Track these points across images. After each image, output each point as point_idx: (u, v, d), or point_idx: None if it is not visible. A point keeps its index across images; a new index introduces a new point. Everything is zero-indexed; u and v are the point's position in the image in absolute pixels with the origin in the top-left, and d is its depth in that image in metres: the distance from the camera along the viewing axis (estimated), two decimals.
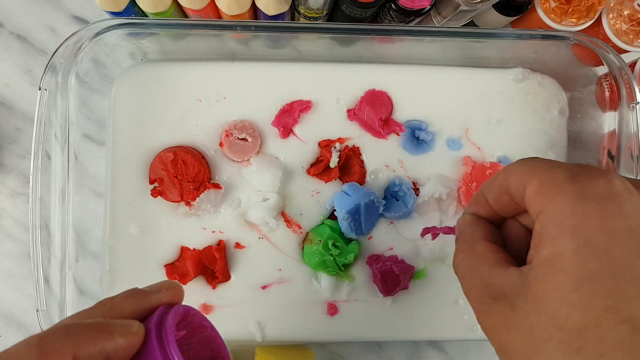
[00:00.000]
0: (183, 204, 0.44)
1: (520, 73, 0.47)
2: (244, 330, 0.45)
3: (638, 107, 0.40)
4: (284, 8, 0.40)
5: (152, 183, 0.44)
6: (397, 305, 0.46)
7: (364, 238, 0.46)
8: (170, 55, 0.46)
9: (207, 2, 0.39)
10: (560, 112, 0.47)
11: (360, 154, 0.46)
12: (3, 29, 0.48)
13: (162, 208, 0.45)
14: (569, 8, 0.44)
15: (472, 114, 0.47)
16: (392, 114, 0.46)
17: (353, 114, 0.46)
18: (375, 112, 0.45)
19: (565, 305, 0.20)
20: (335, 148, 0.45)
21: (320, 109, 0.46)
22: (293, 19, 0.45)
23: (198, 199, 0.44)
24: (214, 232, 0.45)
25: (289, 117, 0.45)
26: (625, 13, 0.44)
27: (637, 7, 0.44)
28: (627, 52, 0.45)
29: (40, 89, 0.38)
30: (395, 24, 0.43)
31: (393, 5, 0.41)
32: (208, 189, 0.44)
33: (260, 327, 0.45)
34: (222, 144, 0.45)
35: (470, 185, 0.45)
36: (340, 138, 0.46)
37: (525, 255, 0.23)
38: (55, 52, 0.39)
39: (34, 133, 0.38)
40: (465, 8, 0.40)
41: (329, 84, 0.46)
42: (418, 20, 0.44)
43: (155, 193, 0.44)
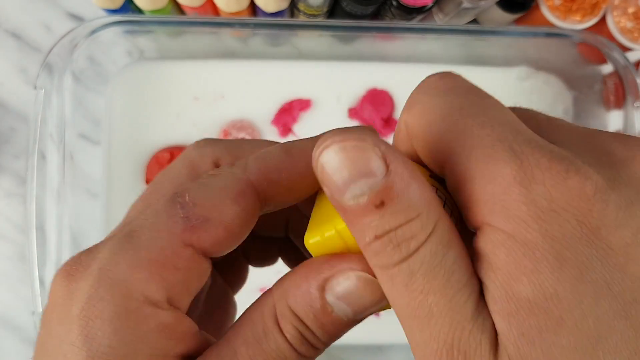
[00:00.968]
0: None
1: (524, 71, 0.46)
2: None
3: None
4: (284, 5, 0.40)
5: (148, 183, 0.44)
6: None
7: None
8: (168, 53, 0.45)
9: None
10: (565, 110, 0.47)
11: None
12: None
13: None
14: (573, 5, 0.44)
15: None
16: (393, 113, 0.46)
17: (354, 113, 0.45)
18: (377, 111, 0.45)
19: None
20: None
21: (320, 108, 0.45)
22: (292, 17, 0.44)
23: None
24: None
25: (289, 115, 0.45)
26: (630, 11, 0.44)
27: None
28: (632, 50, 0.44)
29: (36, 88, 0.38)
30: (397, 22, 0.43)
31: (394, 3, 0.40)
32: None
33: None
34: None
35: None
36: None
37: None
38: (51, 50, 0.38)
39: (29, 132, 0.38)
40: (468, 5, 0.39)
41: (329, 83, 0.45)
42: (420, 18, 0.43)
43: None
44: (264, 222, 0.18)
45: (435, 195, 0.13)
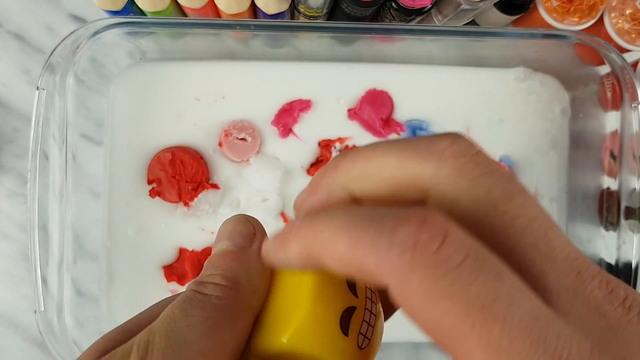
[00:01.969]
0: (181, 205, 0.44)
1: (522, 72, 0.46)
2: None
3: None
4: (284, 7, 0.40)
5: (150, 183, 0.44)
6: None
7: None
8: (169, 55, 0.45)
9: (206, 0, 0.39)
10: (562, 111, 0.47)
11: None
12: (0, 28, 0.47)
13: (160, 209, 0.44)
14: (571, 7, 0.44)
15: (473, 114, 0.46)
16: (392, 114, 0.46)
17: (353, 114, 0.46)
18: (376, 111, 0.45)
19: None
20: (336, 148, 0.45)
21: (320, 109, 0.46)
22: (293, 18, 0.45)
23: (196, 200, 0.43)
24: (213, 233, 0.45)
25: (289, 116, 0.45)
26: (628, 12, 0.44)
27: (639, 6, 0.44)
28: (629, 51, 0.45)
29: (38, 89, 0.38)
30: (396, 23, 0.43)
31: (394, 4, 0.40)
32: (206, 190, 0.43)
33: None
34: (221, 144, 0.45)
35: None
36: (341, 138, 0.46)
37: None
38: (53, 51, 0.38)
39: (32, 133, 0.38)
40: (467, 7, 0.40)
41: (329, 84, 0.46)
42: (419, 19, 0.44)
43: (154, 193, 0.44)
44: None
45: None
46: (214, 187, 0.44)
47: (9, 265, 0.47)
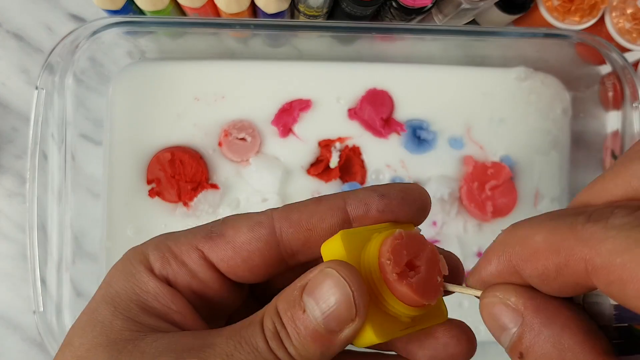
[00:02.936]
0: (181, 205, 0.44)
1: (523, 72, 0.46)
2: None
3: None
4: (284, 6, 0.40)
5: (149, 183, 0.44)
6: None
7: None
8: (168, 54, 0.45)
9: (205, 0, 0.39)
10: (563, 111, 0.47)
11: (361, 154, 0.46)
12: None
13: (159, 209, 0.44)
14: (572, 6, 0.44)
15: (474, 113, 0.46)
16: (393, 113, 0.46)
17: (354, 113, 0.46)
18: (376, 111, 0.45)
19: None
20: (336, 148, 0.45)
21: (320, 108, 0.45)
22: (293, 17, 0.45)
23: (196, 200, 0.43)
24: None
25: (289, 116, 0.45)
26: (629, 11, 0.44)
27: None
28: (630, 50, 0.45)
29: (37, 88, 0.38)
30: (396, 23, 0.43)
31: (394, 4, 0.40)
32: (206, 190, 0.43)
33: None
34: (221, 144, 0.44)
35: (472, 185, 0.45)
36: (341, 137, 0.45)
37: None
38: (52, 51, 0.38)
39: (31, 133, 0.38)
40: (467, 6, 0.40)
41: (329, 83, 0.46)
42: (419, 19, 0.44)
43: (153, 193, 0.43)
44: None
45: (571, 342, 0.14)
46: (214, 187, 0.44)
47: (8, 266, 0.47)
